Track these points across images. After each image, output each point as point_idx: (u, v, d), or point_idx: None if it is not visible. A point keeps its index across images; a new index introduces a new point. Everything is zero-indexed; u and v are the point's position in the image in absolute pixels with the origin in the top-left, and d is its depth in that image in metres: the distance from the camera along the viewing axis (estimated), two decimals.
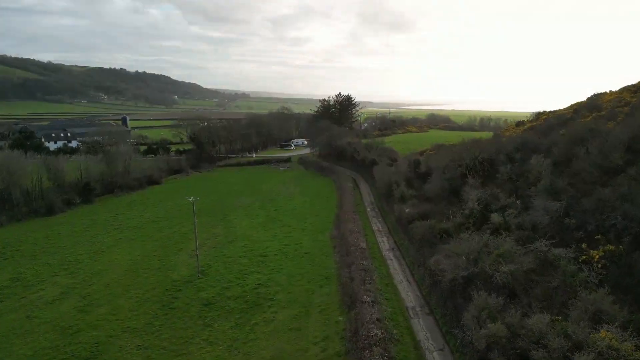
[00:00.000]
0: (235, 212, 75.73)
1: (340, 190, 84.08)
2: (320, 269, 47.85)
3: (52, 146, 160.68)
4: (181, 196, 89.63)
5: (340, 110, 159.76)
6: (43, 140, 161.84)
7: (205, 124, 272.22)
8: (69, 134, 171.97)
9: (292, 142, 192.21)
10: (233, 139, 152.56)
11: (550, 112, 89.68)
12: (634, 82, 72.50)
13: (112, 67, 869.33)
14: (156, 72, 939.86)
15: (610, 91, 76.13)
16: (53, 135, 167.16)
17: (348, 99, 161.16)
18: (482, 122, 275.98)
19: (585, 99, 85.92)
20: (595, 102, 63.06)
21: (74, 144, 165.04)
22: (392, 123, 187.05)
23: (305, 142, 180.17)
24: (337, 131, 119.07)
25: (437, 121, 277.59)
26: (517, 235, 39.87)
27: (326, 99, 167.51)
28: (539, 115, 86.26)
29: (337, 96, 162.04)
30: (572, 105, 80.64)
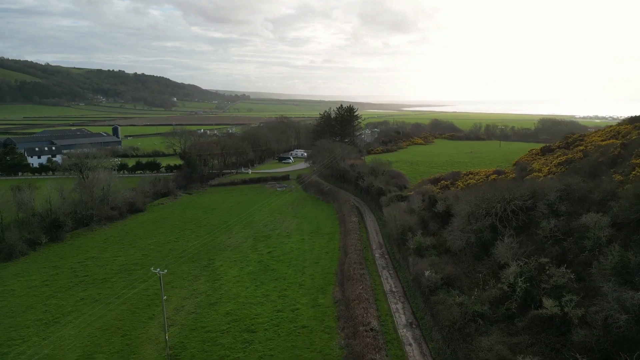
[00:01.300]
0: (223, 255, 65.87)
1: (344, 225, 74.27)
2: (321, 358, 37.99)
3: (35, 161, 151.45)
4: (164, 229, 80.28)
5: (342, 123, 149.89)
6: (26, 154, 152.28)
7: (202, 130, 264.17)
8: (53, 148, 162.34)
9: (291, 154, 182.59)
10: (227, 154, 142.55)
11: (579, 136, 79.87)
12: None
13: (111, 69, 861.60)
14: (156, 74, 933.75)
15: None
16: (37, 149, 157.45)
17: (350, 110, 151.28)
18: (488, 130, 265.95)
19: (621, 122, 76.40)
20: None
21: (58, 158, 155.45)
22: (395, 135, 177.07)
23: (305, 154, 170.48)
24: (340, 152, 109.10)
25: (441, 128, 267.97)
26: (583, 337, 30.14)
27: (327, 110, 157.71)
28: (567, 141, 76.15)
29: (338, 109, 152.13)
30: (610, 130, 70.89)
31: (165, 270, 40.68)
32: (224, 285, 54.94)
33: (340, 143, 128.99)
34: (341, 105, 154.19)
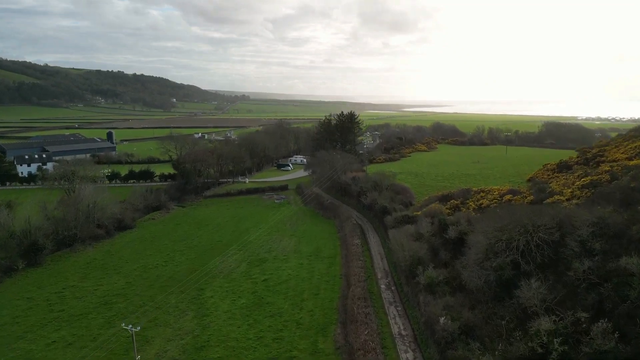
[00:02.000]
0: (214, 283, 60.45)
1: (346, 248, 68.91)
2: None
3: (25, 169, 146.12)
4: (153, 251, 74.99)
5: (342, 130, 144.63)
6: (15, 163, 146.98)
7: (200, 134, 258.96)
8: (44, 155, 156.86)
9: (290, 160, 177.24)
10: (224, 163, 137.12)
11: (598, 149, 74.54)
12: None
13: (110, 70, 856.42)
14: (156, 74, 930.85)
15: None
16: (26, 157, 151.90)
17: (350, 117, 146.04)
18: (492, 133, 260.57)
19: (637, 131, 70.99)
20: None
21: (49, 166, 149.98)
22: (398, 141, 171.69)
23: (305, 160, 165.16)
24: (341, 165, 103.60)
25: (443, 132, 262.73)
26: None
27: (327, 116, 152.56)
28: (586, 156, 70.70)
29: (338, 115, 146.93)
30: (634, 147, 65.44)
31: (139, 327, 35.23)
32: (214, 322, 49.54)
33: (341, 152, 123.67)
34: (342, 112, 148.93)
